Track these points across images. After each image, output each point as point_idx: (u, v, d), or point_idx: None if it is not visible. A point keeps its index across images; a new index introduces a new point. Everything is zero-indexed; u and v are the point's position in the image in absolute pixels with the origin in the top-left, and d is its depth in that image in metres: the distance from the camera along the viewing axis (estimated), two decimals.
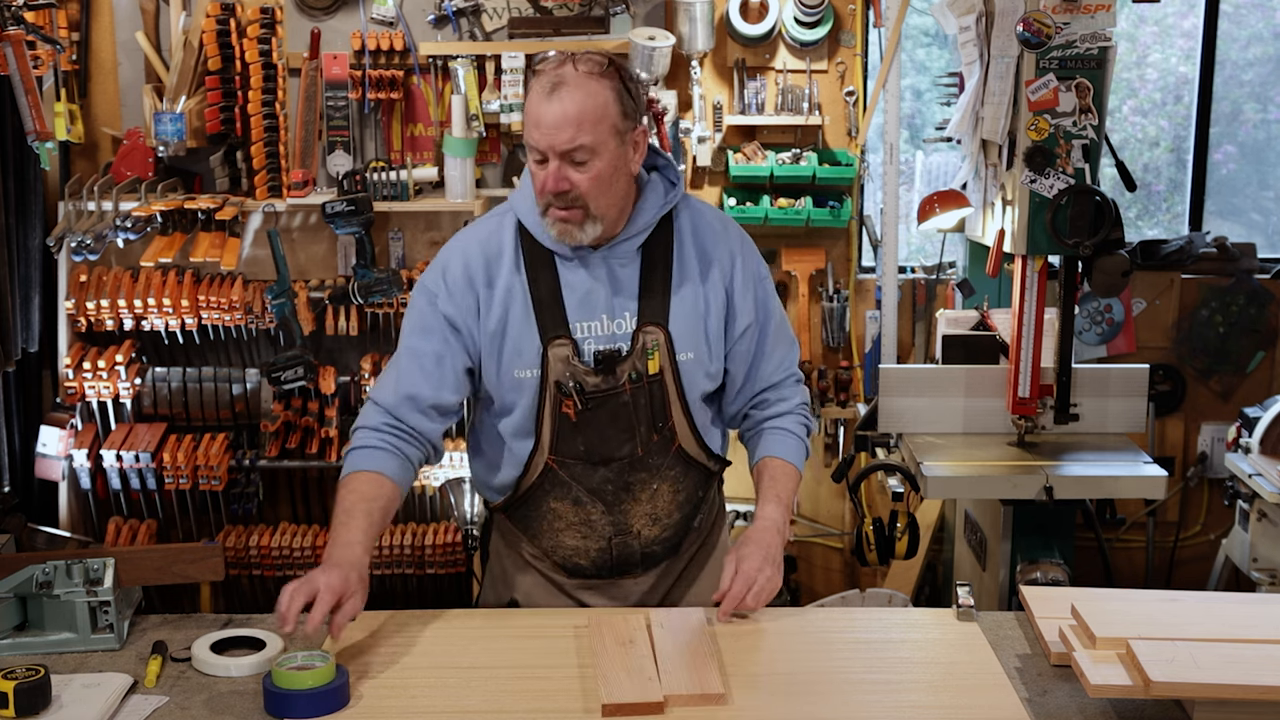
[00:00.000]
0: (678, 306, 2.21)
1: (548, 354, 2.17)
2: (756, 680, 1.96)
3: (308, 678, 1.89)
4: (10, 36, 3.20)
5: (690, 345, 2.22)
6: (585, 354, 2.18)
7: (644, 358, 2.18)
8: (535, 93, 2.09)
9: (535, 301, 2.18)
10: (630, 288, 2.20)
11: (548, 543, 2.31)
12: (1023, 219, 3.33)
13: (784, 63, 4.09)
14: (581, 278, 2.19)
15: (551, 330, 2.17)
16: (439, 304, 2.20)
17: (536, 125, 2.08)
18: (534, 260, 2.20)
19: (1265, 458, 3.52)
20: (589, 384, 2.17)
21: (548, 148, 2.08)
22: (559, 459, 2.22)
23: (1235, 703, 1.79)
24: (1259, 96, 4.63)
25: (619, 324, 2.20)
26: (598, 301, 2.19)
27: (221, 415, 3.99)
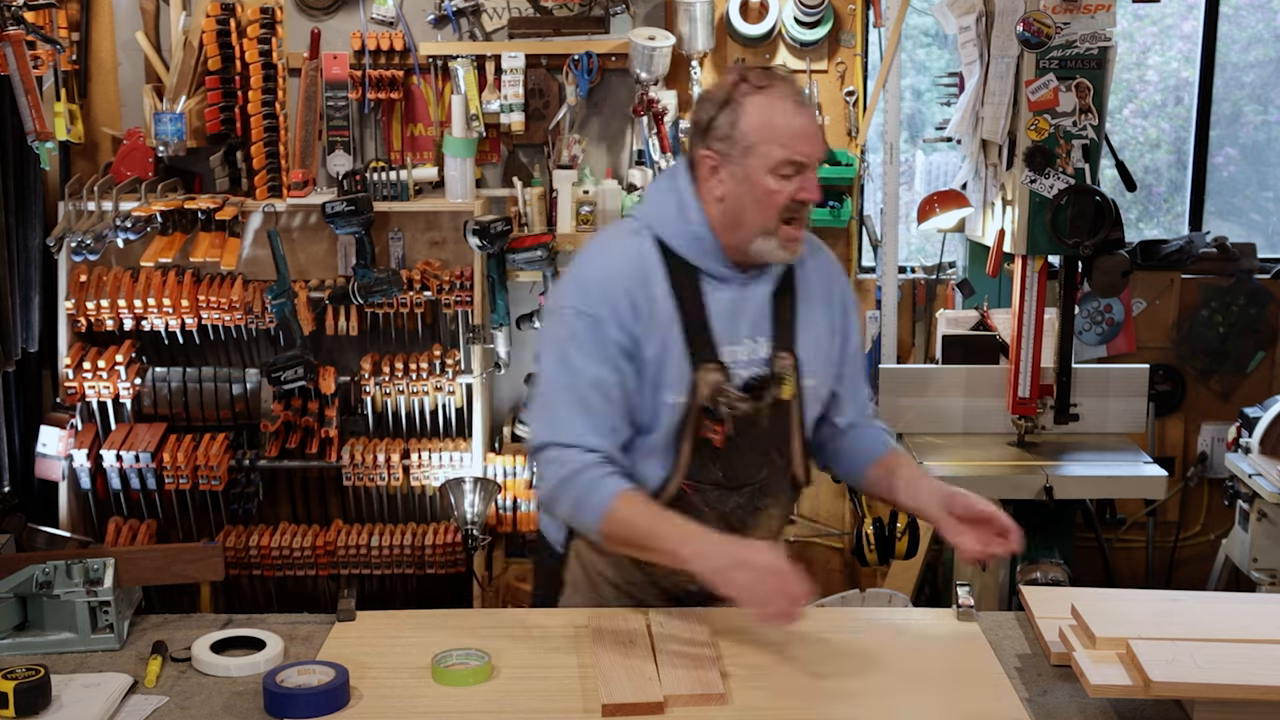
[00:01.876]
0: (803, 332, 2.20)
1: (697, 378, 2.11)
2: (756, 680, 1.96)
3: (469, 675, 1.93)
4: (10, 36, 3.20)
5: (813, 370, 2.21)
6: (734, 378, 2.13)
7: (779, 383, 2.16)
8: (782, 104, 2.06)
9: (685, 324, 2.11)
10: (764, 311, 2.17)
11: (662, 569, 2.22)
12: (1023, 219, 3.33)
13: (784, 63, 4.08)
14: (725, 300, 2.14)
15: (702, 354, 2.11)
16: (609, 330, 2.09)
17: (803, 137, 2.06)
18: (681, 281, 2.13)
19: (1265, 458, 3.52)
20: (739, 409, 2.12)
21: (813, 159, 2.08)
22: (695, 483, 2.16)
23: (1235, 703, 1.79)
24: (1259, 98, 4.63)
25: (756, 348, 2.16)
26: (741, 324, 2.15)
27: (221, 415, 3.99)
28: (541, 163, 4.07)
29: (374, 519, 4.10)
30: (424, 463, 3.96)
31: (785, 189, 2.07)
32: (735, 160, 2.08)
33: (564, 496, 2.09)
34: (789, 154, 2.06)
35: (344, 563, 3.95)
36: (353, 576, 3.95)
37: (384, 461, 3.94)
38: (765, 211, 2.08)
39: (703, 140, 2.12)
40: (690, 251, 2.13)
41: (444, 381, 3.98)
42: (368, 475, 3.95)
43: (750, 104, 2.07)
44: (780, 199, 2.07)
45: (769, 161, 2.06)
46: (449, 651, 2.00)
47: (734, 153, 2.08)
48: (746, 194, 2.09)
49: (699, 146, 2.13)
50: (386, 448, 3.98)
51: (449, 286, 3.94)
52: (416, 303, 3.93)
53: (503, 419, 4.18)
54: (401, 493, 4.09)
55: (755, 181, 2.07)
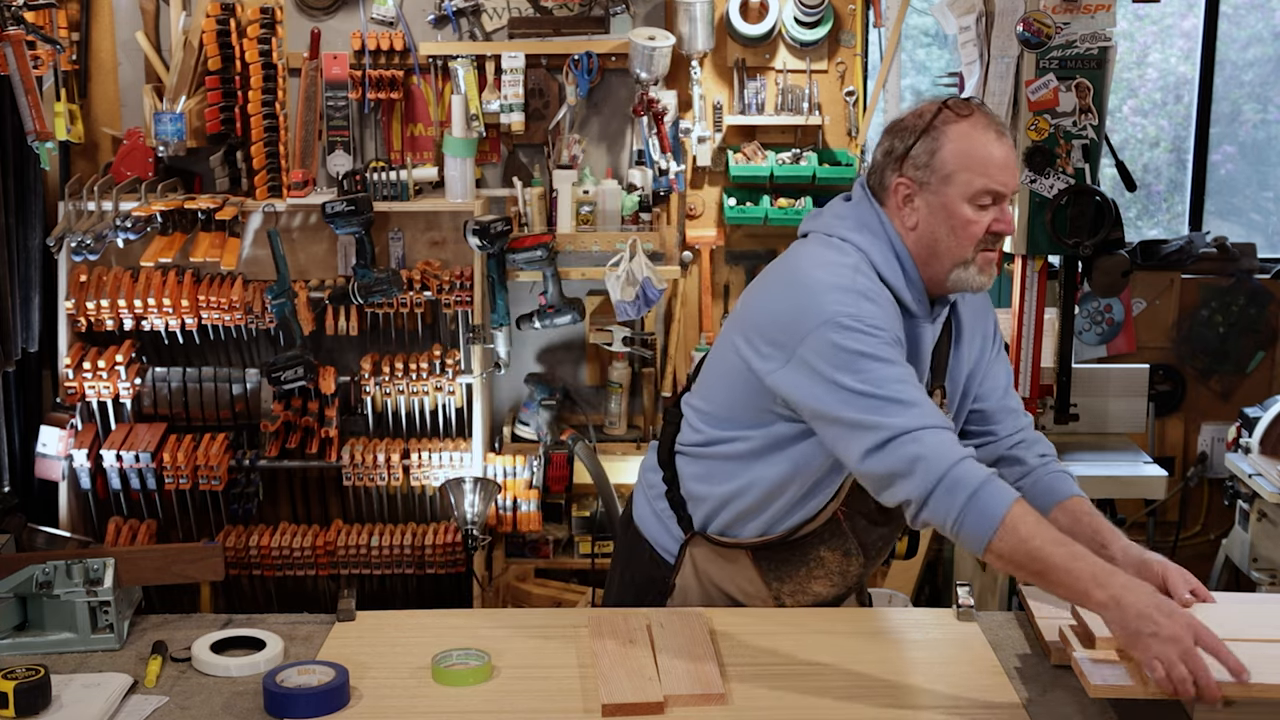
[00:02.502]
0: (953, 367, 2.20)
1: None
2: (756, 680, 1.96)
3: (469, 675, 1.93)
4: (10, 36, 3.20)
5: (952, 404, 2.22)
6: None
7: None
8: (983, 134, 2.03)
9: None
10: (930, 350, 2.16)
11: (792, 586, 2.23)
12: (1023, 219, 3.33)
13: (784, 63, 4.09)
14: (918, 338, 2.11)
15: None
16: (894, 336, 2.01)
17: (1003, 168, 2.03)
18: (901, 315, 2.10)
19: (1265, 458, 3.52)
20: None
21: (1009, 187, 2.04)
22: (848, 511, 2.15)
23: (1235, 703, 1.79)
24: (1259, 97, 4.63)
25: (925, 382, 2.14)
26: (923, 361, 2.13)
27: (221, 415, 3.99)
28: (541, 163, 4.07)
29: (374, 519, 4.11)
30: (424, 463, 3.96)
31: (982, 219, 2.04)
32: (932, 189, 2.04)
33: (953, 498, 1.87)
34: (988, 184, 2.02)
35: (344, 563, 3.95)
36: (353, 576, 3.95)
37: (384, 461, 3.95)
38: (962, 241, 2.04)
39: (898, 168, 2.07)
40: (903, 291, 2.08)
41: (444, 381, 3.98)
42: (368, 475, 3.95)
43: (951, 132, 2.04)
44: (977, 229, 2.04)
45: (968, 191, 2.02)
46: (449, 651, 2.00)
47: (931, 181, 2.04)
48: (942, 223, 2.05)
49: (892, 174, 2.08)
50: (386, 448, 3.98)
51: (449, 286, 3.94)
52: (416, 303, 3.93)
53: (503, 419, 4.18)
54: (401, 493, 4.09)
55: (952, 210, 2.04)
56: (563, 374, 4.22)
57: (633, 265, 3.80)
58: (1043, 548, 1.83)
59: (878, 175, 2.12)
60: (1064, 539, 1.86)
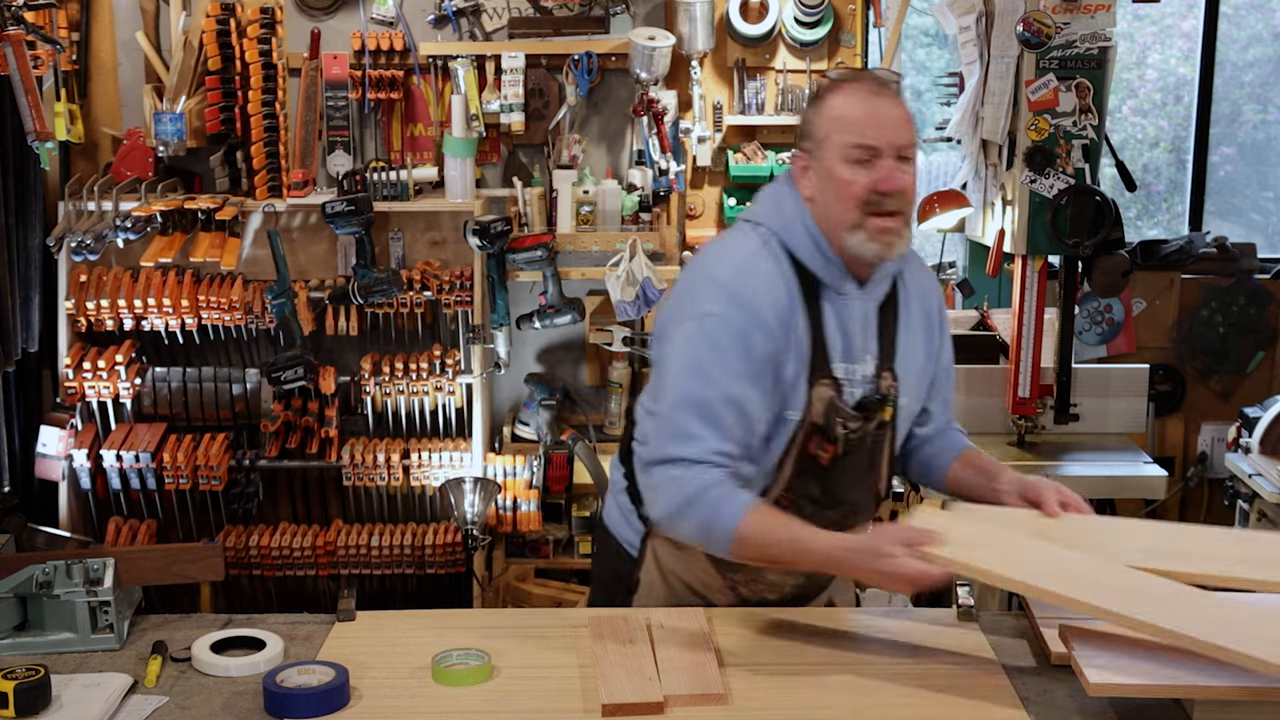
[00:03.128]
0: (902, 352, 2.17)
1: (812, 394, 2.06)
2: (756, 680, 1.96)
3: (469, 675, 1.93)
4: (10, 36, 3.20)
5: (907, 389, 2.19)
6: (848, 396, 2.09)
7: (886, 405, 2.13)
8: (855, 95, 2.03)
9: (811, 339, 2.06)
10: (871, 330, 2.13)
11: (744, 575, 2.23)
12: (1023, 219, 3.33)
13: (784, 63, 4.09)
14: (844, 316, 2.09)
15: (818, 370, 2.06)
16: (757, 343, 2.02)
17: (873, 123, 2.00)
18: (809, 294, 2.07)
19: (1265, 458, 3.52)
20: (851, 429, 2.09)
21: (885, 144, 2.00)
22: (792, 498, 2.13)
23: (1235, 703, 1.79)
24: (1258, 97, 4.64)
25: (865, 367, 2.12)
26: (856, 342, 2.11)
27: (221, 415, 3.99)
28: (541, 163, 4.07)
29: (374, 519, 4.10)
30: (424, 463, 3.96)
31: (859, 178, 2.00)
32: (817, 157, 2.05)
33: (688, 518, 2.02)
34: (858, 139, 2.00)
35: (344, 563, 3.95)
36: (353, 576, 3.95)
37: (384, 461, 3.94)
38: (845, 204, 2.02)
39: (797, 143, 2.11)
40: (816, 264, 2.08)
41: (444, 381, 3.98)
42: (368, 475, 3.95)
43: (830, 99, 2.05)
44: (856, 189, 2.00)
45: (841, 150, 2.01)
46: (449, 651, 2.00)
47: (814, 148, 2.06)
48: (829, 189, 2.04)
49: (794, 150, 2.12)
50: (386, 448, 3.98)
51: (449, 286, 3.94)
52: (416, 303, 3.93)
53: (503, 419, 4.18)
54: (401, 493, 4.09)
55: (831, 172, 2.03)
56: (563, 374, 4.22)
57: (633, 265, 3.80)
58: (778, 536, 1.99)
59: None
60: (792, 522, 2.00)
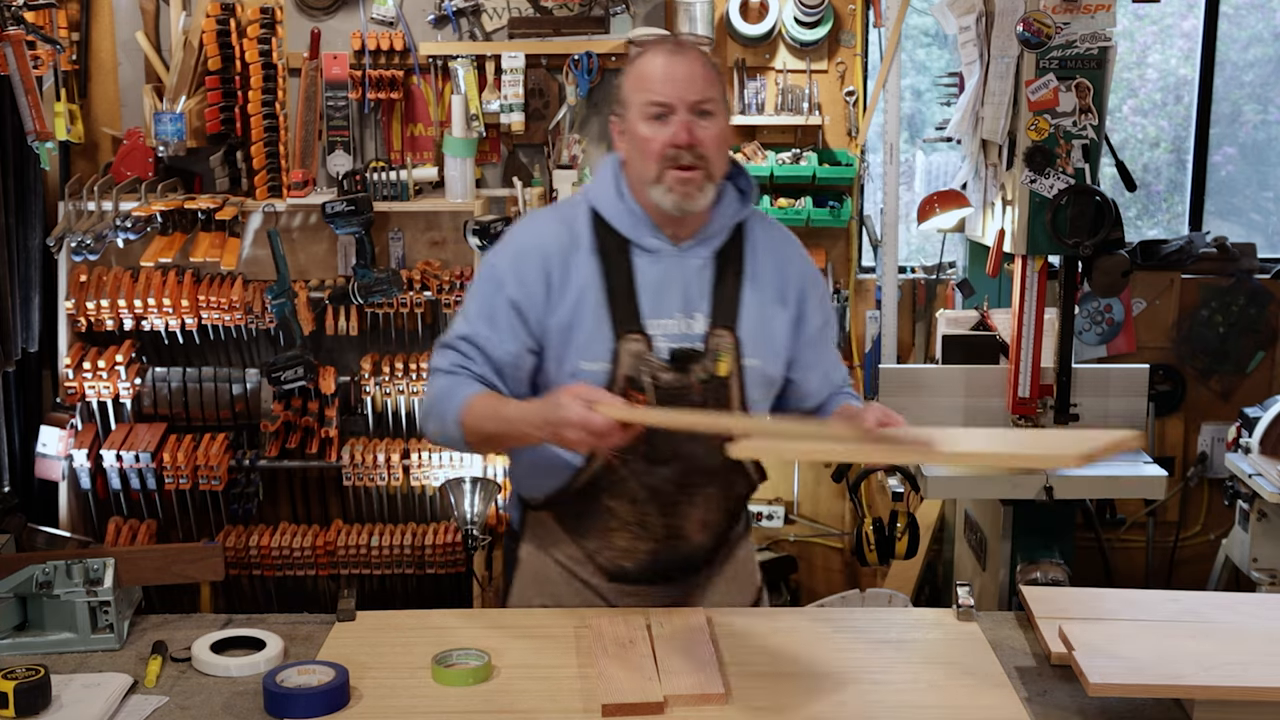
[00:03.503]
0: (747, 313, 2.19)
1: (620, 348, 2.13)
2: (756, 680, 1.96)
3: (469, 675, 1.94)
4: (10, 36, 3.20)
5: (756, 351, 2.20)
6: (659, 350, 2.14)
7: (715, 360, 2.16)
8: (655, 54, 2.12)
9: (609, 294, 2.14)
10: (703, 289, 2.18)
11: (595, 543, 2.26)
12: (1023, 219, 3.33)
13: (784, 63, 4.09)
14: (657, 273, 2.16)
15: (625, 324, 2.13)
16: (507, 290, 2.15)
17: (665, 80, 2.09)
18: (610, 251, 2.16)
19: (1265, 458, 3.52)
20: (663, 380, 2.13)
21: (678, 99, 2.08)
22: (620, 454, 2.14)
23: (1235, 703, 1.79)
24: (1259, 97, 4.63)
25: (691, 324, 2.16)
26: (672, 299, 2.16)
27: (221, 415, 3.99)
28: (541, 163, 4.07)
29: (374, 519, 4.11)
30: (424, 463, 3.96)
31: (657, 134, 2.09)
32: (623, 118, 2.16)
33: (431, 418, 2.17)
34: (651, 96, 2.09)
35: (344, 563, 3.95)
36: (353, 576, 3.95)
37: (384, 461, 3.95)
38: (646, 160, 2.11)
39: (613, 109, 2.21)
40: (620, 222, 2.17)
41: None
42: (368, 475, 3.95)
43: (633, 62, 2.15)
44: (654, 145, 2.10)
45: (639, 109, 2.11)
46: (449, 651, 2.00)
47: (622, 111, 2.16)
48: (634, 148, 2.14)
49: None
50: (386, 448, 3.98)
51: (449, 286, 3.94)
52: (416, 303, 3.93)
53: None
54: (401, 493, 4.09)
55: (634, 132, 2.13)
56: None
57: None
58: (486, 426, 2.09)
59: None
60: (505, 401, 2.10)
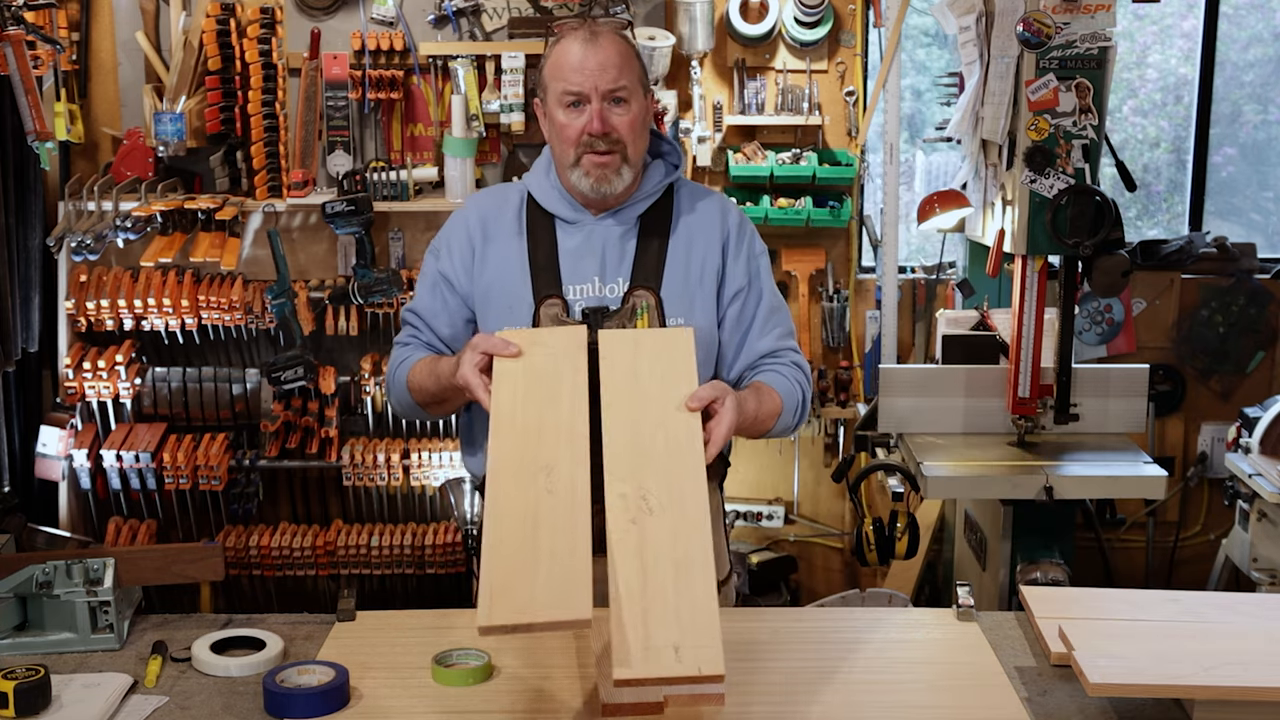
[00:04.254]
0: (670, 272, 2.24)
1: (539, 313, 2.20)
2: (756, 680, 1.96)
3: (469, 675, 1.94)
4: (10, 36, 3.20)
5: (681, 310, 2.23)
6: (575, 313, 2.22)
7: (632, 318, 2.20)
8: (570, 43, 2.17)
9: (532, 263, 2.23)
10: (626, 255, 2.24)
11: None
12: (1023, 219, 3.33)
13: (784, 63, 4.09)
14: (578, 242, 2.24)
15: (544, 290, 2.21)
16: (440, 261, 2.30)
17: (578, 69, 2.15)
18: (535, 224, 2.26)
19: (1265, 458, 3.52)
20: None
21: (591, 89, 2.15)
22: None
23: (1235, 703, 1.79)
24: (1259, 98, 4.63)
25: (611, 288, 2.23)
26: (591, 265, 2.23)
27: (221, 415, 3.99)
28: None
29: (374, 519, 4.10)
30: (424, 463, 3.96)
31: (573, 122, 2.17)
32: (545, 105, 2.24)
33: (390, 389, 2.33)
34: (566, 86, 2.16)
35: (344, 563, 3.95)
36: (353, 576, 3.95)
37: (384, 461, 3.95)
38: (563, 145, 2.20)
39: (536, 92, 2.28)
40: (546, 199, 2.27)
41: None
42: (368, 475, 3.95)
43: (551, 48, 2.22)
44: (570, 132, 2.17)
45: (555, 97, 2.19)
46: (449, 651, 2.00)
47: (542, 96, 2.24)
48: (552, 133, 2.23)
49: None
50: (386, 448, 3.98)
51: None
52: None
53: None
54: (401, 493, 4.09)
55: (552, 118, 2.21)
56: None
57: None
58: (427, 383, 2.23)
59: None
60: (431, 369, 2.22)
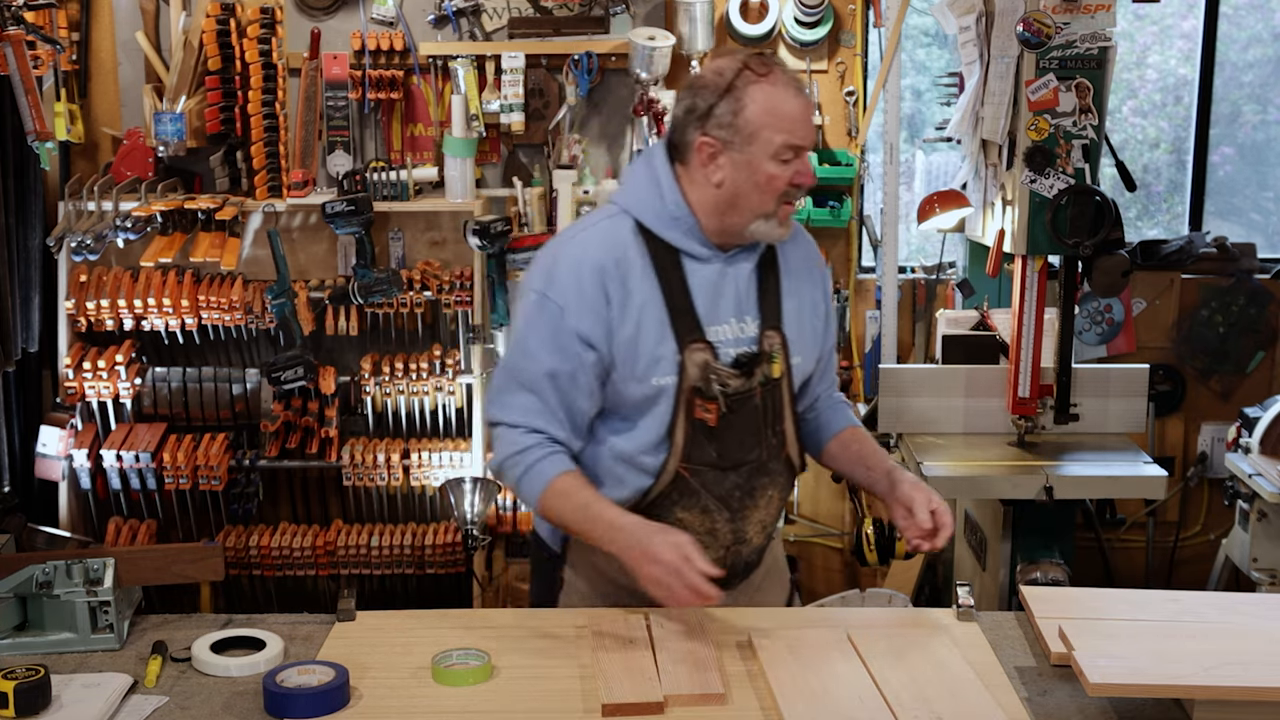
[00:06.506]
0: (789, 312, 2.25)
1: (685, 359, 2.14)
2: (756, 680, 1.96)
3: (469, 675, 1.94)
4: (10, 36, 3.20)
5: (800, 349, 2.26)
6: (723, 357, 2.17)
7: (770, 361, 2.20)
8: (782, 91, 2.12)
9: (669, 305, 2.15)
10: (750, 293, 2.22)
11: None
12: (1023, 219, 3.33)
13: (784, 63, 4.08)
14: (709, 281, 2.18)
15: (687, 335, 2.14)
16: (568, 319, 2.12)
17: (801, 122, 2.13)
18: (661, 263, 2.16)
19: (1265, 458, 3.52)
20: (731, 386, 2.16)
21: (808, 140, 2.14)
22: (690, 466, 2.17)
23: (1235, 703, 1.79)
24: (1258, 98, 4.63)
25: (743, 327, 2.20)
26: (727, 305, 2.19)
27: (221, 415, 3.99)
28: (541, 163, 4.07)
29: (374, 519, 4.10)
30: (424, 463, 3.96)
31: (784, 174, 2.13)
32: (737, 148, 2.12)
33: (509, 472, 2.18)
34: (789, 139, 2.11)
35: (344, 563, 3.95)
36: (353, 576, 3.95)
37: (384, 461, 3.95)
38: (765, 195, 2.13)
39: (701, 127, 2.13)
40: (670, 233, 2.17)
41: (444, 381, 3.98)
42: (368, 475, 3.95)
43: (754, 92, 2.10)
44: (780, 184, 2.13)
45: (771, 148, 2.11)
46: (449, 651, 2.00)
47: (736, 140, 2.11)
48: (747, 179, 2.13)
49: (695, 132, 2.13)
50: (386, 448, 3.98)
51: (449, 286, 3.94)
52: (416, 303, 3.93)
53: None
54: (401, 493, 4.09)
55: (756, 167, 2.12)
56: None
57: None
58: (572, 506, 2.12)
59: (679, 132, 2.17)
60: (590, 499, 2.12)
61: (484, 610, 3.75)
